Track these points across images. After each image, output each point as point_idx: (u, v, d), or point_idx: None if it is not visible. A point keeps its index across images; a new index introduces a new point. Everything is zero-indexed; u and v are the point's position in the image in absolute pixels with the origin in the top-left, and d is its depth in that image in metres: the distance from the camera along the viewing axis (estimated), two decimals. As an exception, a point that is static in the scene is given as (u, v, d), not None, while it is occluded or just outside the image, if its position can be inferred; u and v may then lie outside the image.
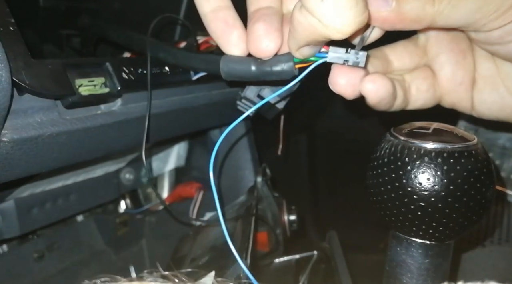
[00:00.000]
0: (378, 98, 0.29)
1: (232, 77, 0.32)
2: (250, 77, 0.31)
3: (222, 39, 0.31)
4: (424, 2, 0.27)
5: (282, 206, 0.55)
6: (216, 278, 0.25)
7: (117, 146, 0.40)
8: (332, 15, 0.23)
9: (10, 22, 0.29)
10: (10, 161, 0.30)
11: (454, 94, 0.32)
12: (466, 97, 0.32)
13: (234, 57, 0.31)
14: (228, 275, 0.36)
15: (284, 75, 0.30)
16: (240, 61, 0.31)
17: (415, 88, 0.32)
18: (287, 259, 0.53)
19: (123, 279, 0.21)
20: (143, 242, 0.63)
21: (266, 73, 0.31)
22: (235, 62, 0.31)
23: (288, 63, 0.30)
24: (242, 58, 0.31)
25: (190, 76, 0.41)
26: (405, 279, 0.28)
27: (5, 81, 0.26)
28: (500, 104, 0.32)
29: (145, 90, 0.38)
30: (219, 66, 0.32)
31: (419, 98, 0.33)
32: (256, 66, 0.31)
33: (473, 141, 0.26)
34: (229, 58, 0.32)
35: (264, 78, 0.31)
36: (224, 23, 0.30)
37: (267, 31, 0.29)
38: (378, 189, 0.26)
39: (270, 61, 0.30)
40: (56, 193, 0.48)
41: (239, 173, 0.61)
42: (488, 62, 0.32)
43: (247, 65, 0.31)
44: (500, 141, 0.53)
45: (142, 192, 0.65)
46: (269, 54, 0.30)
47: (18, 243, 0.49)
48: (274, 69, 0.30)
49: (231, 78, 0.33)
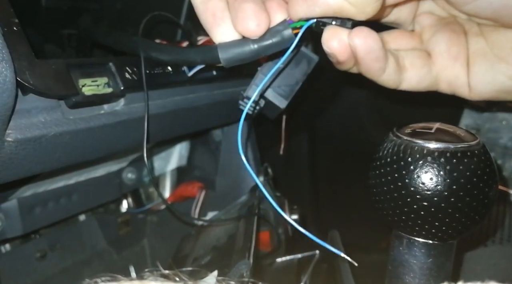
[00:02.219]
0: (367, 48, 0.29)
1: (233, 62, 0.32)
2: (251, 57, 0.31)
3: (212, 32, 0.31)
4: None
5: (284, 205, 0.56)
6: (219, 278, 0.25)
7: (120, 145, 0.40)
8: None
9: (14, 23, 0.29)
10: (14, 161, 0.30)
11: (450, 70, 0.33)
12: (462, 73, 0.33)
13: (230, 42, 0.31)
14: (230, 274, 0.36)
15: (284, 44, 0.30)
16: (238, 44, 0.31)
17: (409, 63, 0.33)
18: (289, 259, 0.53)
19: (124, 278, 0.21)
20: (145, 241, 0.63)
21: (267, 47, 0.31)
22: (233, 46, 0.31)
23: (286, 30, 0.30)
24: (239, 41, 0.31)
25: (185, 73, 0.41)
26: (408, 278, 0.28)
27: (9, 82, 0.26)
28: (492, 75, 0.32)
29: (148, 90, 0.38)
30: (218, 55, 0.32)
31: (414, 74, 0.33)
32: (255, 43, 0.31)
33: (475, 141, 0.26)
34: (226, 44, 0.31)
35: (265, 53, 0.31)
36: (212, 16, 0.30)
37: (255, 11, 0.29)
38: (380, 189, 0.26)
39: (267, 34, 0.30)
40: (59, 193, 0.48)
41: (241, 173, 0.61)
42: (477, 37, 0.33)
43: (245, 45, 0.31)
44: (502, 141, 0.54)
45: (144, 191, 0.65)
46: (259, 33, 0.30)
47: (21, 242, 0.49)
48: (275, 41, 0.30)
49: (232, 64, 0.32)
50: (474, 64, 0.32)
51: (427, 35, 0.34)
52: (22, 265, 0.49)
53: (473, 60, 0.32)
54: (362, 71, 0.32)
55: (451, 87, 0.34)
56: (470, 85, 0.33)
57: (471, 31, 0.33)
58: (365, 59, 0.30)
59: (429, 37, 0.34)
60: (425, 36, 0.34)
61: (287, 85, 0.43)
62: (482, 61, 0.32)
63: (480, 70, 0.32)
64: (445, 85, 0.34)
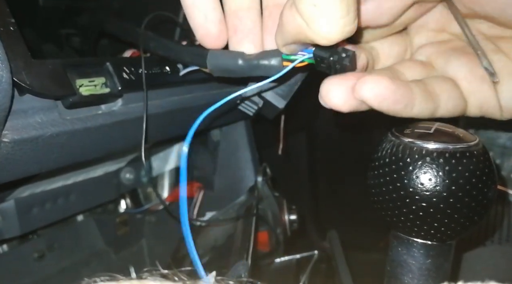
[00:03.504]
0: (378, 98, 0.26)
1: (219, 71, 0.31)
2: (237, 72, 0.31)
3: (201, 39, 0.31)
4: None
5: (282, 205, 0.56)
6: (217, 278, 0.25)
7: (117, 146, 0.40)
8: (322, 21, 0.23)
9: (11, 22, 0.28)
10: (10, 162, 0.30)
11: (479, 94, 0.30)
12: (492, 94, 0.30)
13: (222, 51, 0.31)
14: (229, 275, 0.36)
15: (271, 71, 0.29)
16: (228, 55, 0.31)
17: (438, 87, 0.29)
18: (288, 259, 0.54)
19: (123, 278, 0.21)
20: (143, 242, 0.63)
21: (253, 67, 0.30)
22: (222, 56, 0.31)
23: (276, 58, 0.29)
24: (229, 52, 0.31)
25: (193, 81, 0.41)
26: (406, 279, 0.28)
27: (5, 82, 0.26)
28: None
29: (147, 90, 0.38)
30: (206, 60, 0.31)
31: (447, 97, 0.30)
32: (243, 60, 0.30)
33: (474, 141, 0.26)
34: (217, 51, 0.31)
35: (251, 73, 0.31)
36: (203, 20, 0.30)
37: (246, 35, 0.29)
38: (379, 189, 0.26)
39: (258, 55, 0.30)
40: (56, 193, 0.48)
41: (239, 173, 0.61)
42: (497, 55, 0.30)
43: (234, 59, 0.30)
44: (501, 140, 0.53)
45: (142, 191, 0.65)
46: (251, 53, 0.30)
47: (19, 243, 0.49)
48: (262, 63, 0.29)
49: (218, 73, 0.32)
50: (503, 83, 0.30)
51: (441, 63, 0.31)
52: (19, 266, 0.49)
53: (501, 80, 0.30)
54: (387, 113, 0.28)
55: (482, 111, 0.31)
56: (501, 105, 0.30)
57: (486, 49, 0.30)
58: (382, 107, 0.27)
59: (443, 64, 0.31)
60: (439, 64, 0.31)
61: (285, 85, 0.43)
62: (510, 79, 0.30)
63: (510, 88, 0.30)
64: (476, 109, 0.31)
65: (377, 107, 0.27)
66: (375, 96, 0.26)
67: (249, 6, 0.30)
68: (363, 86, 0.26)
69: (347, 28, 0.23)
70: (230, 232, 0.47)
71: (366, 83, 0.26)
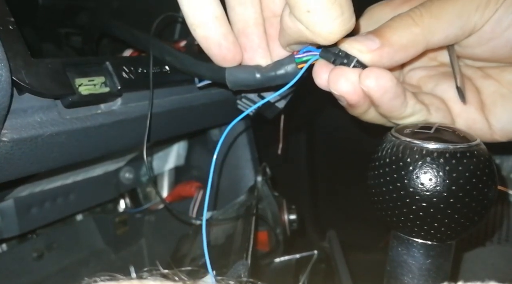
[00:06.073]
0: (381, 88, 0.27)
1: (238, 86, 0.33)
2: (255, 85, 0.32)
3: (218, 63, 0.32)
4: (408, 25, 0.27)
5: (282, 205, 0.55)
6: (217, 277, 0.25)
7: (117, 145, 0.40)
8: (319, 24, 0.24)
9: (10, 21, 0.28)
10: (9, 161, 0.29)
11: (466, 114, 0.31)
12: (479, 117, 0.31)
13: (238, 67, 0.32)
14: (228, 274, 0.36)
15: (288, 78, 0.31)
16: (245, 70, 0.32)
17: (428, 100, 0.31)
18: (287, 259, 0.53)
19: (123, 278, 0.21)
20: (142, 241, 0.63)
21: (271, 79, 0.31)
22: (240, 71, 0.32)
23: (291, 64, 0.30)
24: (246, 67, 0.32)
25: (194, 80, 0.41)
26: (406, 279, 0.28)
27: (5, 81, 0.26)
28: None
29: (145, 89, 0.38)
30: (224, 77, 0.33)
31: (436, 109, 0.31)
32: (260, 73, 0.31)
33: (475, 141, 0.26)
34: (234, 68, 0.32)
35: (269, 84, 0.32)
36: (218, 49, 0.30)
37: (256, 50, 0.31)
38: (379, 189, 0.26)
39: (273, 66, 0.31)
40: (56, 193, 0.48)
41: (239, 173, 0.61)
42: (487, 80, 0.32)
43: (251, 73, 0.32)
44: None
45: (141, 191, 0.65)
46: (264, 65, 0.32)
47: (17, 242, 0.49)
48: (279, 73, 0.31)
49: (237, 88, 0.33)
50: (496, 107, 0.31)
51: (430, 86, 0.33)
52: (18, 265, 0.49)
53: (493, 104, 0.31)
54: (383, 112, 0.29)
55: (471, 131, 0.31)
56: (495, 128, 0.31)
57: (475, 76, 0.32)
58: (383, 99, 0.28)
59: (432, 87, 0.33)
60: (427, 87, 0.33)
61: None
62: (504, 103, 0.31)
63: (504, 112, 0.31)
64: (465, 128, 0.32)
65: (379, 100, 0.28)
66: (379, 87, 0.27)
67: (254, 22, 0.31)
68: (370, 74, 0.27)
69: (345, 27, 0.24)
70: (229, 231, 0.47)
71: (372, 72, 0.27)
